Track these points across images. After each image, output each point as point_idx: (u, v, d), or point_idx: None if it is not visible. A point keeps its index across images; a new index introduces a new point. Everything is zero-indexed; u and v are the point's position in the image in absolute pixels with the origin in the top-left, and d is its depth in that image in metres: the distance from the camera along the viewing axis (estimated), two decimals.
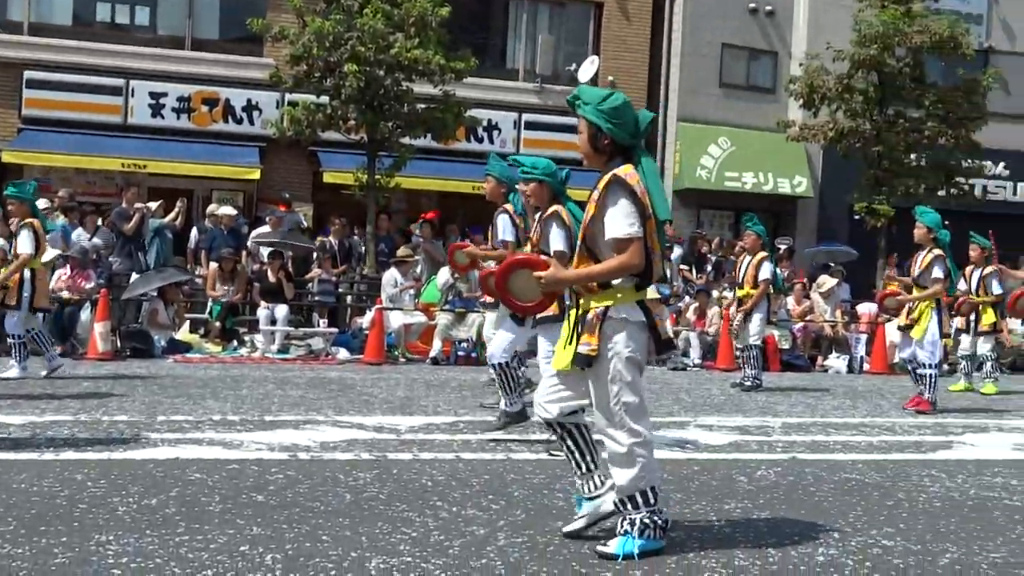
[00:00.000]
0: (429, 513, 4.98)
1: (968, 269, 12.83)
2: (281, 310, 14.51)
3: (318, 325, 15.71)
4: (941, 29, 18.82)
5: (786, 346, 15.97)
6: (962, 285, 12.78)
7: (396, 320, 14.56)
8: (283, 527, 4.63)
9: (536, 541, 4.54)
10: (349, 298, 17.46)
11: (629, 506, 4.30)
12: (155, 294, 14.20)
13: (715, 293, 16.72)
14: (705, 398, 10.97)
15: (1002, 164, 23.53)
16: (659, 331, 4.40)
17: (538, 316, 6.19)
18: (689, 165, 22.05)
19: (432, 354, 14.08)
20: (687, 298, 17.24)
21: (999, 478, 6.65)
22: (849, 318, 17.46)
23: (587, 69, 21.80)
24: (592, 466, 4.53)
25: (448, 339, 14.29)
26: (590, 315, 4.32)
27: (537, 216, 6.97)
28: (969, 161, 20.17)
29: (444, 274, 14.21)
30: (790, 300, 16.83)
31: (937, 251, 10.12)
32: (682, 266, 18.59)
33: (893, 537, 4.90)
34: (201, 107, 19.96)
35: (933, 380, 10.22)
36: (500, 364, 7.46)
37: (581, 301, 4.42)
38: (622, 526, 4.31)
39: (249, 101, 20.06)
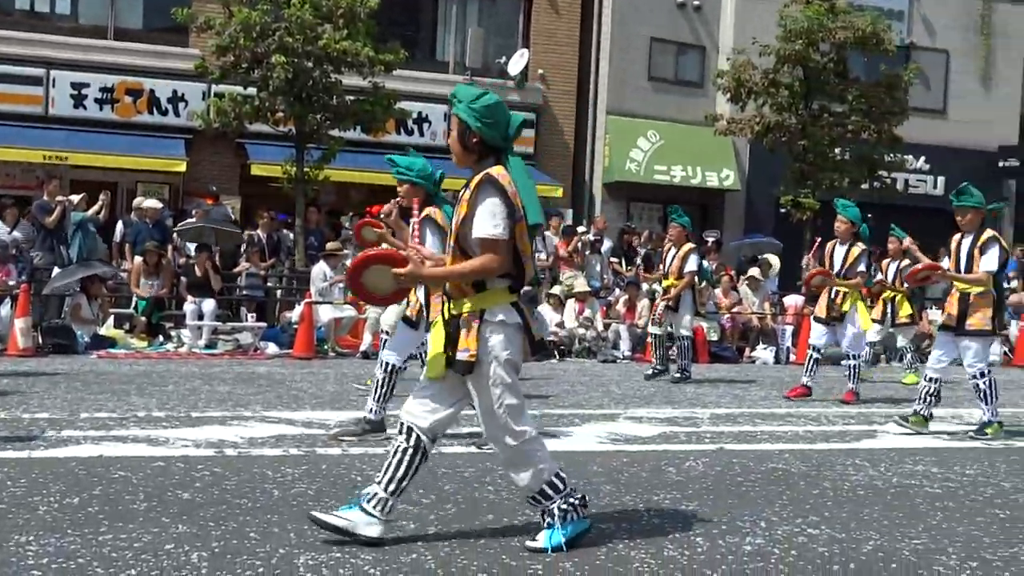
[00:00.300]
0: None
1: (885, 262, 13.06)
2: (208, 304, 14.31)
3: (246, 320, 15.50)
4: (864, 25, 19.16)
5: (715, 338, 16.16)
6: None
7: (326, 314, 14.43)
8: (209, 525, 4.56)
9: (467, 535, 4.53)
10: (278, 292, 17.27)
11: (543, 500, 4.30)
12: (78, 288, 13.89)
13: (645, 286, 16.84)
14: (635, 390, 11.04)
15: (923, 158, 24.05)
16: (532, 332, 4.34)
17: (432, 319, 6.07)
18: (618, 158, 22.19)
19: (362, 348, 13.97)
20: (617, 291, 17.36)
21: (920, 466, 6.79)
22: (776, 310, 17.72)
23: (517, 62, 21.85)
24: (398, 492, 4.30)
25: (379, 332, 14.16)
26: (464, 319, 4.25)
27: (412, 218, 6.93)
28: (891, 155, 20.54)
29: None
30: (718, 292, 17.02)
31: (862, 245, 10.33)
32: (612, 259, 18.72)
33: (818, 525, 4.97)
34: (125, 98, 19.56)
35: (857, 371, 10.45)
36: (391, 366, 7.19)
37: (454, 304, 4.33)
38: (544, 519, 4.31)
39: (175, 92, 19.72)
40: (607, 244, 18.85)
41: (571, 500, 4.31)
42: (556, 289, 15.93)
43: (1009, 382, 13.57)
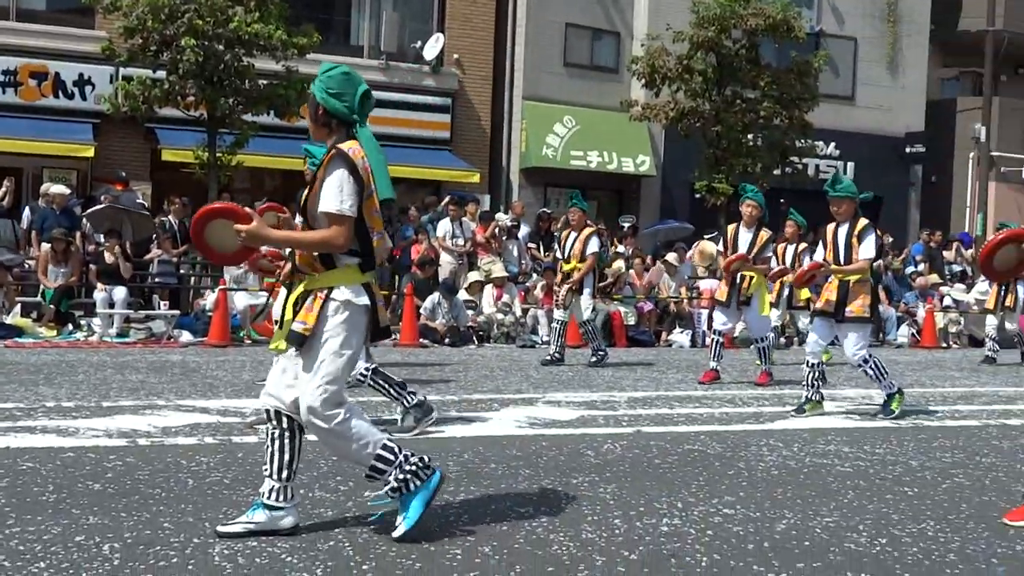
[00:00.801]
0: None
1: (782, 246, 13.22)
2: (119, 292, 13.98)
3: (159, 307, 15.20)
4: (775, 12, 19.42)
5: (632, 322, 16.31)
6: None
7: (241, 301, 14.21)
8: (122, 515, 4.45)
9: (386, 520, 4.50)
10: (191, 279, 16.96)
11: (378, 475, 4.20)
12: None
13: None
14: (553, 374, 11.08)
15: (832, 144, 24.54)
16: (379, 317, 4.25)
17: None
18: (535, 144, 22.22)
19: None
20: (535, 276, 17.41)
21: (832, 445, 6.93)
22: (692, 293, 17.94)
23: (432, 47, 21.72)
24: (291, 476, 4.23)
25: None
26: (312, 295, 4.17)
27: None
28: (802, 141, 20.88)
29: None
30: (632, 273, 17.20)
31: (768, 231, 10.53)
32: (530, 244, 18.75)
33: (733, 505, 5.04)
34: (29, 81, 18.99)
35: (767, 353, 10.64)
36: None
37: (305, 281, 4.24)
38: (388, 495, 4.21)
39: (81, 75, 19.20)
40: (524, 230, 18.88)
41: (407, 466, 4.18)
42: (474, 275, 15.92)
43: (916, 363, 13.98)
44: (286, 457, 4.21)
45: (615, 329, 15.83)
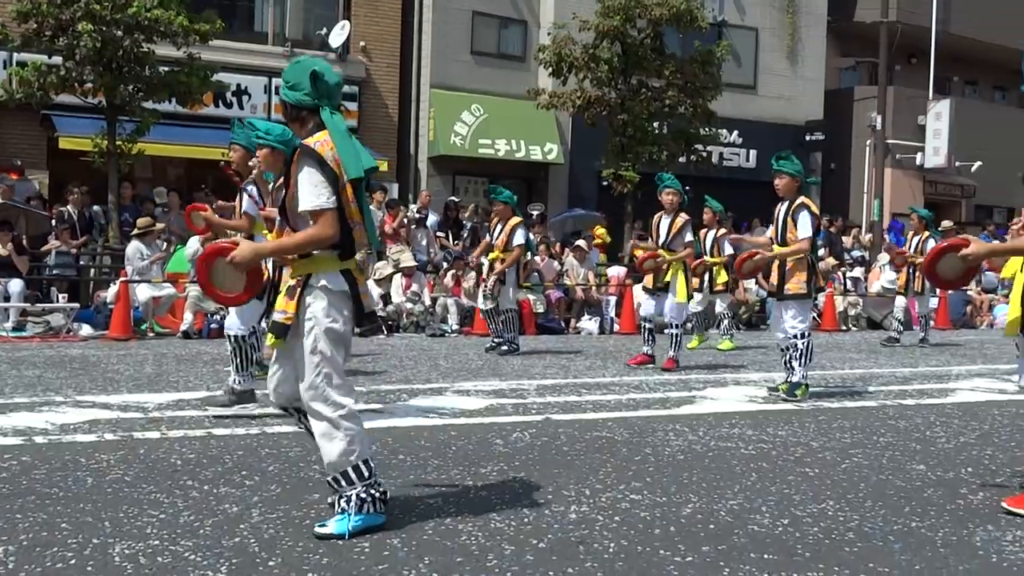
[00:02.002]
0: (179, 493, 4.77)
1: (702, 231, 13.45)
2: (15, 285, 13.53)
3: (57, 300, 14.75)
4: (678, 2, 19.53)
5: (541, 310, 16.35)
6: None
7: (143, 293, 13.88)
8: (16, 517, 4.31)
9: (292, 516, 4.44)
10: (92, 271, 16.51)
11: (343, 483, 4.15)
12: None
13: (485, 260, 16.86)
14: (463, 363, 11.07)
15: (736, 132, 24.92)
16: (363, 303, 4.23)
17: None
18: (443, 132, 22.12)
19: (183, 327, 13.53)
20: (444, 265, 17.36)
21: (736, 429, 7.04)
22: (600, 280, 18.07)
23: (338, 34, 21.47)
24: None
25: (200, 311, 13.75)
26: (290, 284, 4.18)
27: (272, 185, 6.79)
28: (706, 129, 21.12)
29: (193, 243, 13.65)
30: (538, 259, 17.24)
31: (685, 216, 10.63)
32: (438, 233, 18.68)
33: (641, 491, 5.09)
34: None
35: (678, 340, 10.76)
36: (236, 337, 7.26)
37: (285, 273, 4.26)
38: (339, 504, 4.17)
39: None
40: (433, 218, 18.81)
41: (373, 491, 4.18)
42: (381, 264, 15.80)
43: (817, 346, 14.26)
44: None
45: (525, 317, 15.84)
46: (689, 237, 10.66)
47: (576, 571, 3.79)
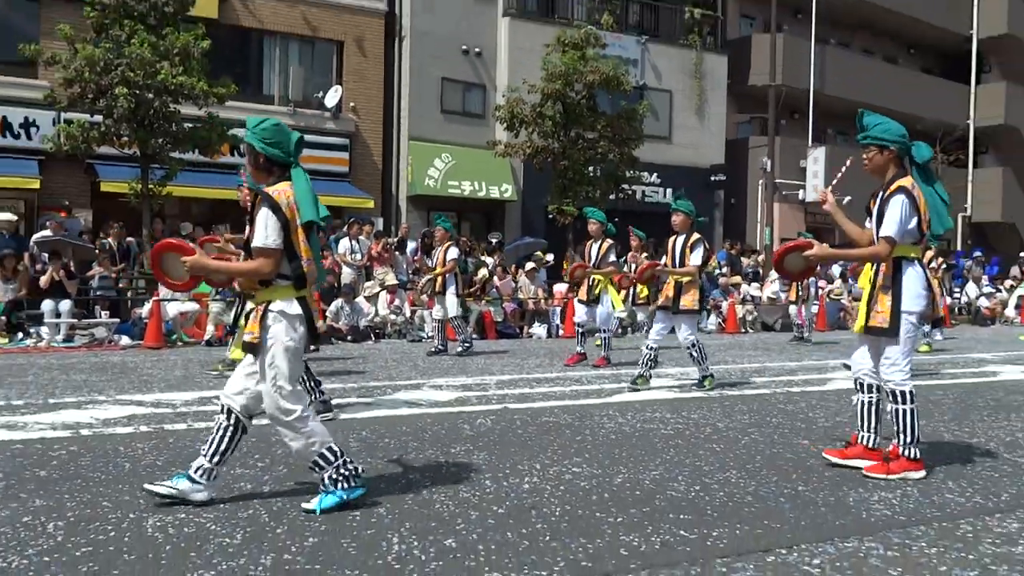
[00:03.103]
0: None
1: (631, 255, 13.51)
2: (65, 304, 13.30)
3: (100, 316, 14.49)
4: (607, 70, 19.70)
5: (500, 319, 16.34)
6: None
7: (172, 309, 13.70)
8: (64, 497, 4.23)
9: (296, 492, 4.39)
10: (129, 292, 16.25)
11: (318, 468, 4.10)
12: None
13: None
14: (436, 363, 11.02)
15: (655, 174, 25.08)
16: (315, 325, 4.17)
17: None
18: (419, 176, 22.08)
19: (206, 337, 13.35)
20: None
21: (657, 413, 7.07)
22: (547, 295, 18.09)
23: (332, 96, 21.41)
24: (221, 463, 4.15)
25: (220, 323, 13.58)
26: (255, 310, 4.13)
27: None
28: (631, 172, 21.22)
29: None
30: (496, 280, 17.23)
31: (610, 240, 10.70)
32: (416, 257, 18.61)
33: (581, 465, 5.09)
34: None
35: (608, 342, 10.81)
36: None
37: (249, 302, 4.23)
38: (321, 485, 4.11)
39: (26, 118, 18.15)
40: (411, 245, 18.75)
41: (343, 470, 4.08)
42: (370, 283, 15.71)
43: (722, 345, 14.39)
44: (223, 446, 4.13)
45: (487, 325, 15.84)
46: (613, 258, 10.73)
47: (528, 532, 3.79)
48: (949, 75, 34.70)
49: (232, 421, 4.13)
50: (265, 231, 3.99)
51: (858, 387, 5.18)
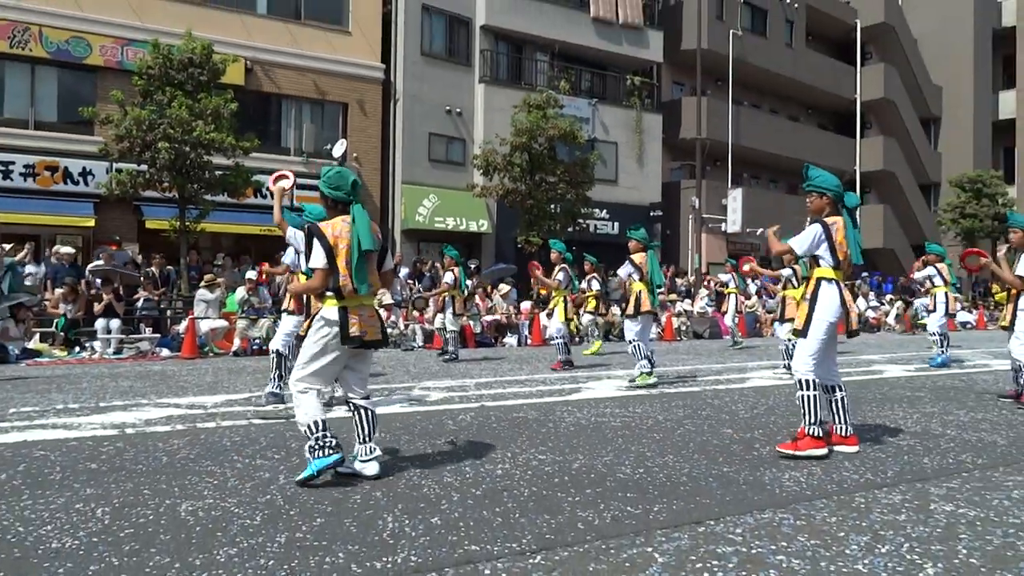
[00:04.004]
0: (228, 465, 4.61)
1: (588, 276, 13.59)
2: (115, 323, 13.09)
3: (145, 332, 14.25)
4: (564, 126, 19.80)
5: (478, 331, 16.27)
6: (586, 284, 13.66)
7: (205, 325, 13.51)
8: (111, 486, 4.12)
9: (310, 481, 4.31)
10: (169, 312, 16.01)
11: (307, 435, 4.17)
12: (7, 315, 12.34)
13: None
14: (425, 369, 10.94)
15: (604, 211, 25.18)
16: (347, 329, 4.22)
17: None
18: (411, 213, 22.00)
19: (233, 349, 13.20)
20: (412, 302, 17.19)
21: (608, 408, 7.05)
22: (516, 310, 18.06)
23: (339, 148, 21.28)
24: (365, 438, 4.34)
25: (245, 338, 13.44)
26: (313, 314, 4.41)
27: None
28: (585, 209, 21.32)
29: (240, 291, 13.37)
30: (478, 300, 17.16)
31: (565, 266, 10.75)
32: (408, 280, 18.53)
33: (545, 453, 5.05)
34: (44, 172, 17.58)
35: (560, 347, 10.76)
36: (278, 351, 7.12)
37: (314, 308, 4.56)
38: (306, 455, 4.18)
39: (84, 168, 17.88)
40: (404, 271, 18.66)
41: (320, 442, 4.12)
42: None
43: (660, 351, 14.42)
44: (359, 426, 4.35)
45: (467, 336, 15.76)
46: (560, 277, 10.76)
47: (501, 510, 3.74)
48: (839, 130, 35.33)
49: (354, 405, 4.38)
50: (316, 254, 4.20)
51: (825, 389, 5.10)
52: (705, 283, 22.26)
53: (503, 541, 3.28)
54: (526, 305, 18.02)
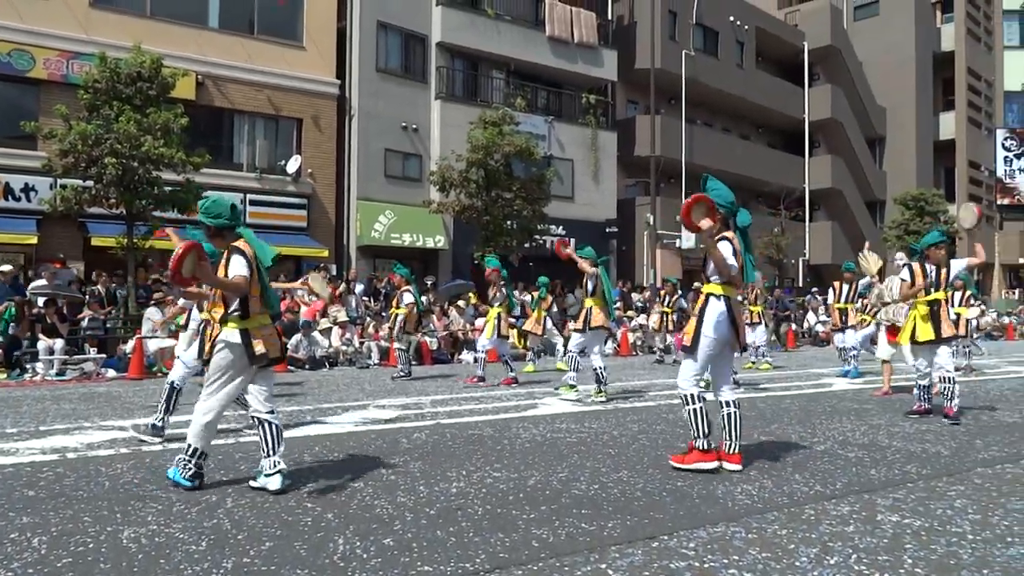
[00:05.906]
0: (173, 490, 4.47)
1: (535, 293, 13.68)
2: (58, 343, 12.66)
3: (89, 352, 13.82)
4: (520, 143, 19.88)
5: (435, 347, 16.18)
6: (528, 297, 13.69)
7: (153, 345, 13.15)
8: (49, 514, 3.97)
9: (256, 501, 4.21)
10: (116, 331, 15.56)
11: (184, 455, 4.46)
12: None
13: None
14: (381, 386, 10.83)
15: (561, 227, 25.29)
16: (252, 349, 4.41)
17: None
18: (367, 229, 21.85)
19: None
20: (367, 318, 17.03)
21: (563, 425, 7.05)
22: (471, 326, 18.00)
23: (292, 164, 21.09)
24: (270, 452, 4.44)
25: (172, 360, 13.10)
26: (215, 335, 4.53)
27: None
28: (541, 225, 21.38)
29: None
30: (435, 317, 17.08)
31: (502, 283, 11.05)
32: (364, 297, 18.36)
33: (500, 470, 5.03)
34: None
35: (508, 363, 11.01)
36: (172, 384, 6.67)
37: (215, 331, 4.60)
38: (175, 464, 4.50)
39: (26, 184, 17.32)
40: (360, 287, 18.48)
41: (191, 467, 4.42)
42: (324, 320, 15.39)
43: (616, 366, 14.52)
44: (264, 441, 4.46)
45: (424, 353, 15.66)
46: (500, 298, 11.14)
47: (455, 529, 3.70)
48: (789, 149, 36.21)
49: (256, 422, 4.52)
50: (241, 267, 4.33)
51: (722, 403, 5.13)
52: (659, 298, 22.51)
53: (456, 561, 3.24)
54: (480, 321, 17.95)
